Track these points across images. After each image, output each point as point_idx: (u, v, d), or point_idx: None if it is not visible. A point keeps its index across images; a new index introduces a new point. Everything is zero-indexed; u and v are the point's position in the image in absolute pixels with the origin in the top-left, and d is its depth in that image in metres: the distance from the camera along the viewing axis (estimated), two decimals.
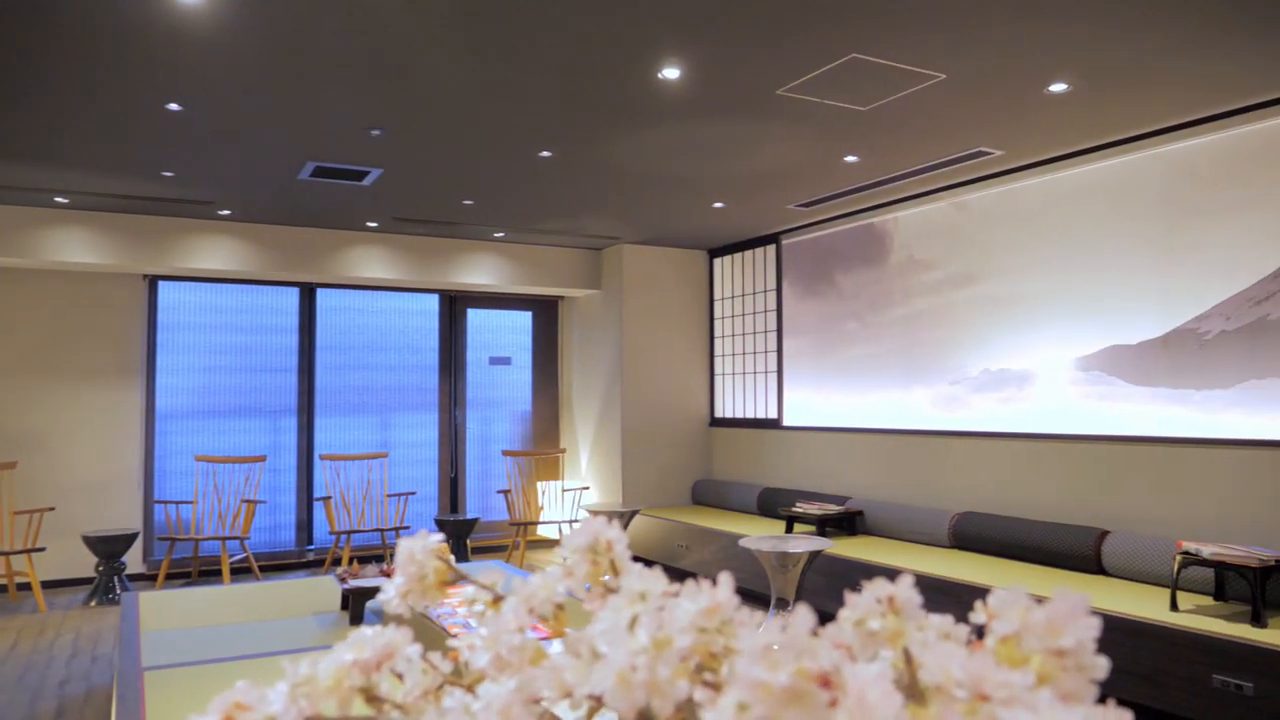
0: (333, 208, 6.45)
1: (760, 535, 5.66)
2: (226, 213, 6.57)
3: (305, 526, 7.56)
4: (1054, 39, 3.56)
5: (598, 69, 3.86)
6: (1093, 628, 0.39)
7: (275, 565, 7.38)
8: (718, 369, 8.15)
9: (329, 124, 4.60)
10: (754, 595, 6.17)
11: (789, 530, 6.14)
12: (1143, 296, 4.76)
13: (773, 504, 6.88)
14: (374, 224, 7.03)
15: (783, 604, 4.76)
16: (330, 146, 4.98)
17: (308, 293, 7.64)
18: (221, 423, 7.32)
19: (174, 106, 4.27)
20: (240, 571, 6.97)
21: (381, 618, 3.16)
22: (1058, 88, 4.08)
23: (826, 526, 6.01)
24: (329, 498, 7.19)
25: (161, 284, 7.14)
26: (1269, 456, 4.17)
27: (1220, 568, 3.80)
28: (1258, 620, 3.58)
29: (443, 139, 4.85)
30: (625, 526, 6.84)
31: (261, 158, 5.18)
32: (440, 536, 0.63)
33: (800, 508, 6.17)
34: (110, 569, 6.27)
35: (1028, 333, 5.35)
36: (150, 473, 7.02)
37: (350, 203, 6.29)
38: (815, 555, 4.74)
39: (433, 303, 8.14)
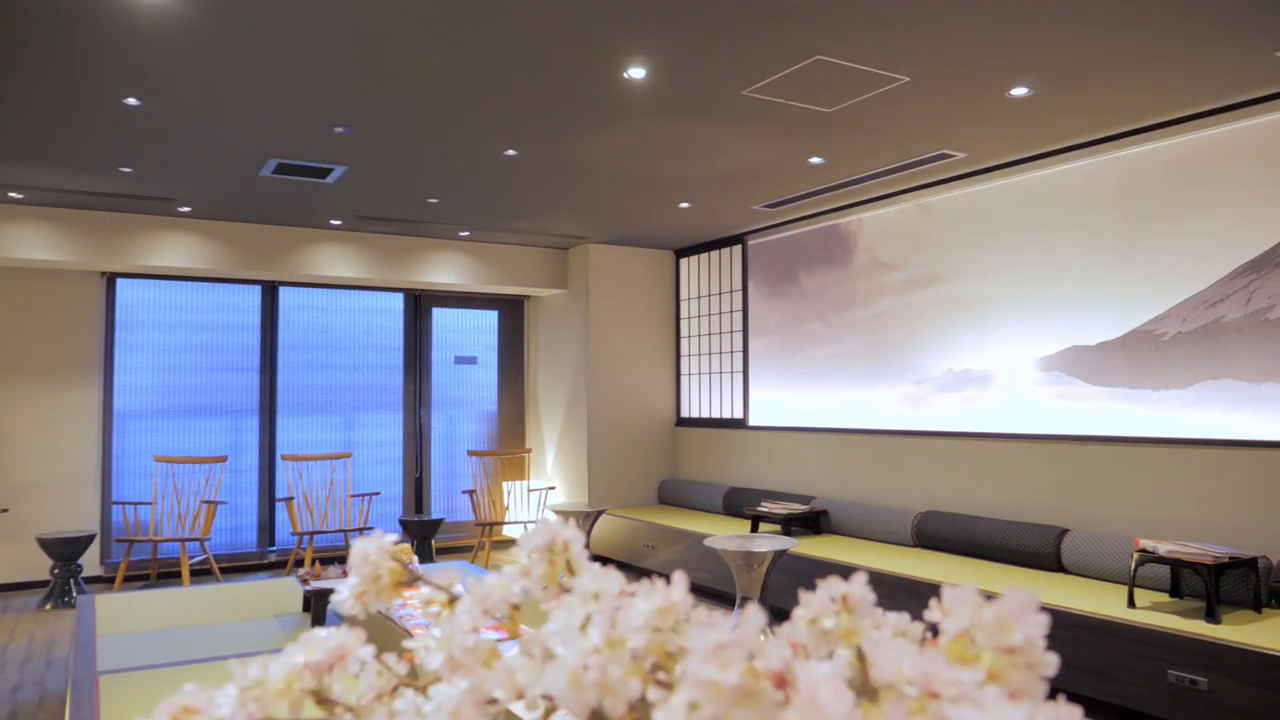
0: (296, 205, 6.38)
1: (726, 535, 5.67)
2: (187, 209, 6.47)
3: (267, 527, 7.47)
4: (1015, 44, 3.61)
5: (563, 68, 3.85)
6: (1041, 625, 0.39)
7: (236, 567, 7.28)
8: (684, 369, 8.16)
9: (292, 121, 4.54)
10: (720, 595, 6.19)
11: (754, 530, 6.16)
12: (1102, 298, 4.83)
13: (738, 504, 6.90)
14: (338, 222, 6.96)
15: (748, 603, 4.77)
16: (293, 143, 4.92)
17: (270, 291, 7.54)
18: (181, 422, 7.21)
19: (132, 101, 4.20)
20: (200, 573, 6.87)
21: (344, 619, 3.12)
22: (1019, 92, 4.13)
23: (791, 526, 6.04)
24: (291, 498, 7.11)
25: (120, 281, 7.02)
26: (1224, 455, 4.26)
27: (1176, 565, 3.87)
28: (1212, 616, 3.65)
29: (407, 137, 4.81)
30: (591, 527, 6.83)
31: (222, 154, 5.11)
32: (395, 536, 0.63)
33: (765, 507, 6.20)
34: (66, 571, 6.15)
35: (990, 333, 5.41)
36: (108, 473, 6.90)
37: (314, 200, 6.22)
38: (780, 555, 4.76)
39: (397, 302, 8.07)
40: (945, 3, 3.26)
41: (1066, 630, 3.93)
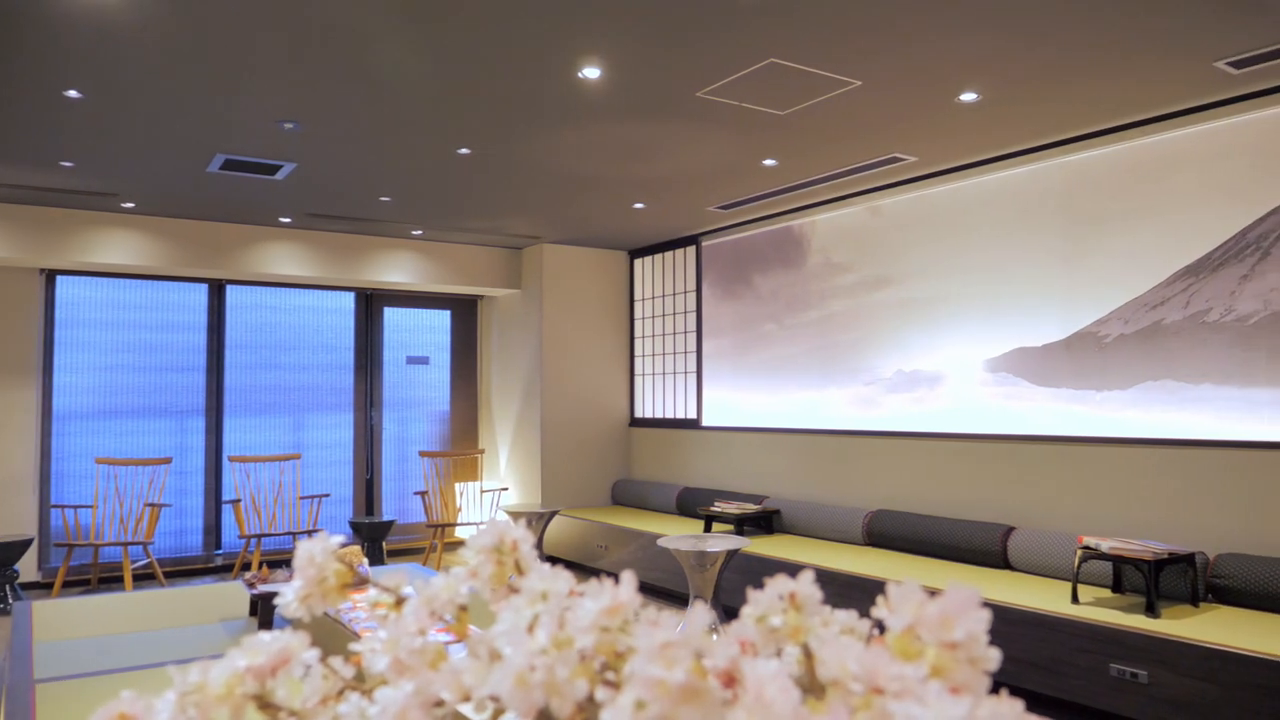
0: (244, 202, 6.27)
1: (679, 535, 5.69)
2: (130, 205, 6.33)
3: (213, 530, 7.33)
4: (963, 51, 3.67)
5: (517, 66, 3.83)
6: (983, 621, 0.40)
7: (182, 571, 7.13)
8: (638, 369, 8.17)
9: (239, 116, 4.46)
10: (674, 595, 6.21)
11: (707, 529, 6.19)
12: (1047, 301, 4.93)
13: (691, 504, 6.93)
14: (287, 219, 6.85)
15: (697, 603, 4.79)
16: (241, 139, 4.84)
17: (217, 289, 7.41)
18: (124, 423, 7.04)
19: (73, 94, 4.09)
20: (144, 578, 6.72)
21: (294, 623, 3.07)
22: (968, 97, 4.20)
23: (744, 525, 6.08)
24: (238, 500, 6.98)
25: (60, 279, 6.84)
26: (1163, 454, 4.37)
27: (1118, 561, 3.96)
28: (1152, 611, 3.74)
29: (359, 134, 4.76)
30: (544, 528, 6.81)
31: (167, 149, 5.00)
32: (342, 539, 0.62)
33: (718, 507, 6.23)
34: (2, 577, 5.97)
35: (939, 335, 5.50)
36: (46, 476, 6.72)
37: (262, 197, 6.12)
38: (733, 554, 4.79)
39: (348, 301, 7.97)
40: (895, 10, 3.30)
41: (1012, 626, 4.00)
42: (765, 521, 6.18)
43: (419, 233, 7.38)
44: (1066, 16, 3.36)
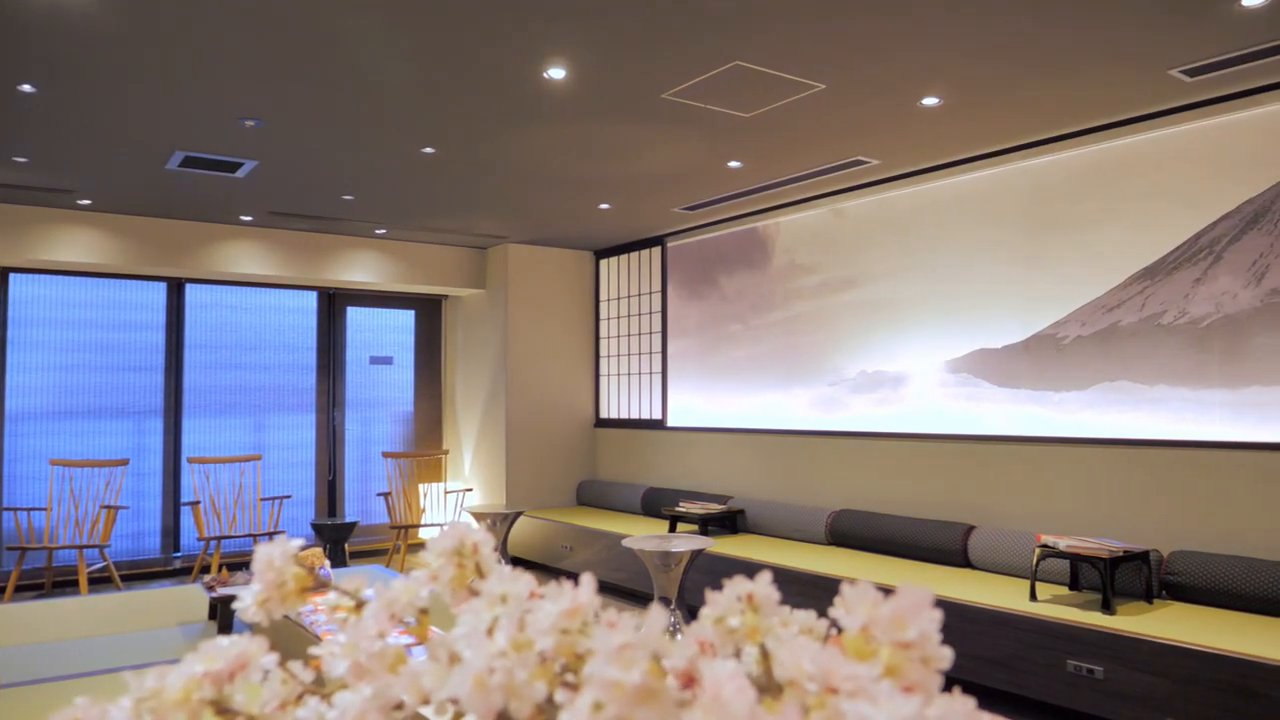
0: (204, 200, 6.18)
1: (644, 535, 5.70)
2: (87, 202, 6.21)
3: (172, 533, 7.22)
4: (926, 56, 3.71)
5: (482, 66, 3.82)
6: (935, 620, 0.40)
7: (139, 574, 7.02)
8: (603, 370, 8.17)
9: (200, 113, 4.40)
10: (638, 595, 6.21)
11: (672, 530, 6.20)
12: (1007, 303, 5.00)
13: (656, 504, 6.94)
14: (248, 218, 6.77)
15: (665, 603, 4.80)
16: (201, 136, 4.77)
17: (176, 288, 7.29)
18: (80, 424, 6.91)
19: (26, 88, 4.01)
20: (100, 581, 6.60)
21: (254, 627, 3.04)
22: (930, 101, 4.25)
23: (709, 525, 6.10)
24: (198, 502, 6.88)
25: (13, 276, 6.70)
26: (1119, 454, 4.45)
27: (1075, 559, 4.03)
28: (1107, 608, 3.81)
29: (322, 132, 4.71)
30: (509, 529, 6.78)
31: (125, 145, 4.92)
32: (302, 541, 0.61)
33: (683, 507, 6.24)
34: None
35: (902, 336, 5.55)
36: None
37: (223, 195, 6.04)
38: (697, 554, 4.81)
39: (311, 300, 7.89)
40: (859, 14, 3.33)
41: (971, 623, 4.06)
42: (730, 522, 6.21)
43: (383, 232, 7.32)
44: (1026, 24, 3.41)
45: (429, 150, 5.03)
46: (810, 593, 4.80)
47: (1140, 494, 4.35)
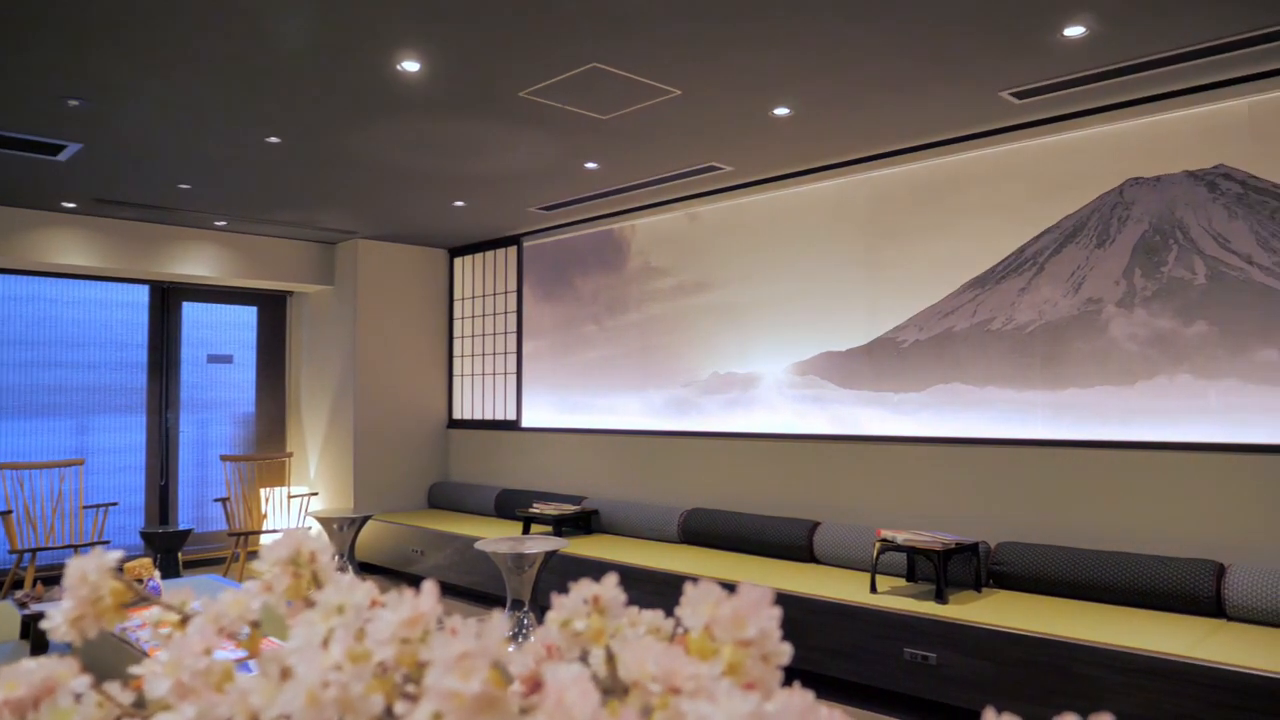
0: (18, 184, 5.71)
1: (497, 537, 5.63)
2: None
3: None
4: (777, 67, 3.82)
5: (331, 53, 3.69)
6: (775, 618, 0.41)
7: None
8: (456, 370, 8.03)
9: (12, 88, 4.07)
10: (492, 598, 6.14)
11: (526, 531, 6.16)
12: (852, 308, 5.21)
13: (510, 505, 6.88)
14: (71, 205, 6.30)
15: (519, 605, 4.77)
16: (16, 114, 4.41)
17: None
18: None
19: None
20: None
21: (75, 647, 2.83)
22: (781, 111, 4.38)
23: (563, 526, 6.09)
24: (9, 512, 6.35)
25: None
26: (952, 452, 4.71)
27: (911, 552, 4.24)
28: (940, 598, 4.03)
29: (155, 116, 4.44)
30: (356, 533, 6.58)
31: None
32: (121, 553, 0.57)
33: (537, 508, 6.21)
34: None
35: (752, 339, 5.70)
36: None
37: (41, 179, 5.60)
38: (550, 555, 4.79)
39: (142, 294, 7.42)
40: (714, 24, 3.40)
41: (816, 616, 4.21)
42: (584, 522, 6.22)
43: (223, 223, 6.97)
44: (869, 40, 3.57)
45: (274, 140, 4.82)
46: (663, 591, 4.86)
47: (971, 489, 4.62)
